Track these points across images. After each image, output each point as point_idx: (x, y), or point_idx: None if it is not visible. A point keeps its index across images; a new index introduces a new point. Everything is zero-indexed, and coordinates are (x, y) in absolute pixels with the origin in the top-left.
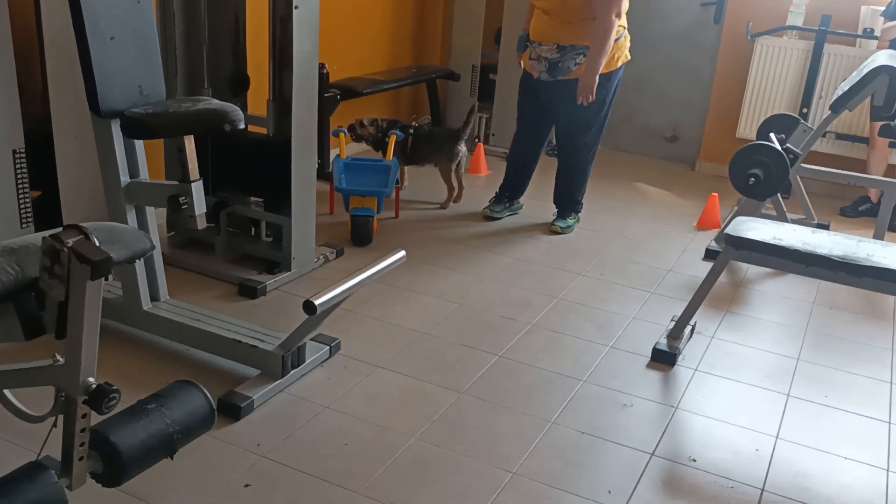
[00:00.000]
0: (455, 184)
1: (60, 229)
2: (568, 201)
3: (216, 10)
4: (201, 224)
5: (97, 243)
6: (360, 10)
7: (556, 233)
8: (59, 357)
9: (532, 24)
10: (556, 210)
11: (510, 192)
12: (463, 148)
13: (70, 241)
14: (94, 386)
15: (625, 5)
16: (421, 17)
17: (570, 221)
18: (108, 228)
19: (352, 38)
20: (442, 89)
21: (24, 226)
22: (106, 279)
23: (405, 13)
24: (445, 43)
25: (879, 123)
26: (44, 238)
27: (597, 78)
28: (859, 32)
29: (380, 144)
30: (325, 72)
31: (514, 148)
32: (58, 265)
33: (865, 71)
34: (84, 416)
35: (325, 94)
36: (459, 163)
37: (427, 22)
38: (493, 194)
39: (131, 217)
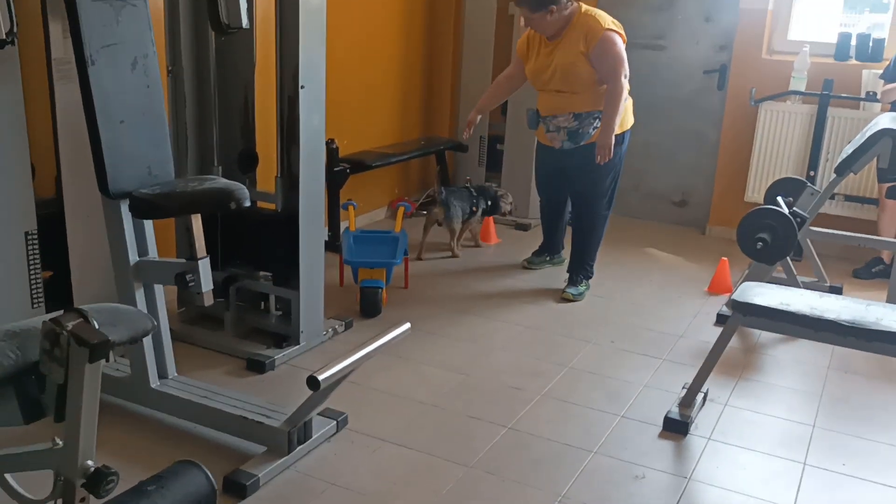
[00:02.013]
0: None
1: (61, 312)
2: (581, 267)
3: (226, 91)
4: (208, 301)
5: (97, 325)
6: (368, 85)
7: (568, 300)
8: (58, 440)
9: (541, 100)
10: (568, 276)
11: (549, 250)
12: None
13: (69, 325)
14: (93, 469)
15: (627, 68)
16: (429, 90)
17: (581, 288)
18: (109, 310)
19: (361, 113)
20: (450, 161)
21: (35, 306)
22: (106, 361)
23: (413, 86)
24: (453, 115)
25: (887, 185)
26: (44, 322)
27: (613, 137)
28: (862, 95)
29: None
30: (334, 146)
31: (543, 211)
32: (57, 348)
33: (868, 134)
34: (83, 499)
35: (335, 169)
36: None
37: (435, 95)
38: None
39: (140, 295)
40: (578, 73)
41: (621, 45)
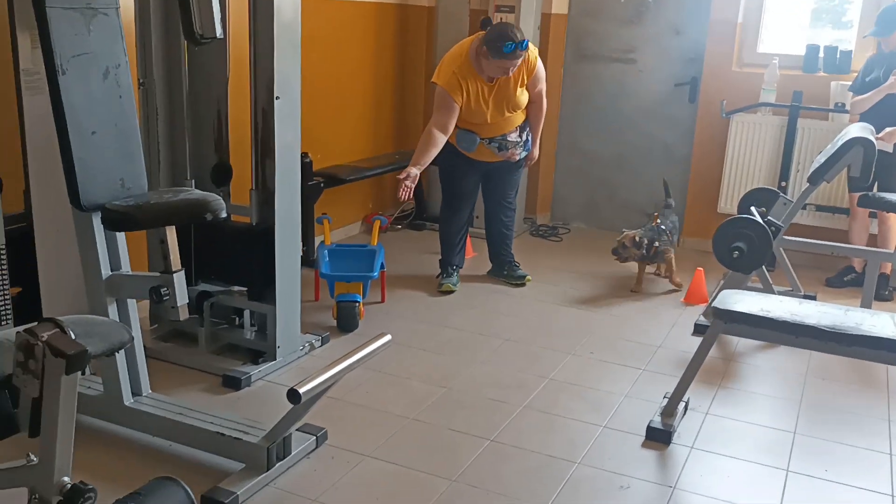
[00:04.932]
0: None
1: (36, 323)
2: (511, 256)
3: (198, 103)
4: (183, 315)
5: (73, 336)
6: (341, 100)
7: (528, 281)
8: (32, 457)
9: (485, 128)
10: (511, 266)
11: (458, 263)
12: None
13: (45, 335)
14: (69, 486)
15: None
16: (401, 104)
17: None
18: (85, 321)
19: (334, 127)
20: (425, 174)
21: (3, 323)
22: (83, 373)
23: (385, 101)
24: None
25: (858, 194)
26: (18, 333)
27: None
28: (831, 107)
29: (649, 259)
30: (308, 160)
31: (456, 225)
32: (32, 360)
33: (840, 143)
34: None
35: (309, 182)
36: None
37: (407, 108)
38: (438, 272)
39: (112, 310)
40: (522, 101)
41: (543, 67)
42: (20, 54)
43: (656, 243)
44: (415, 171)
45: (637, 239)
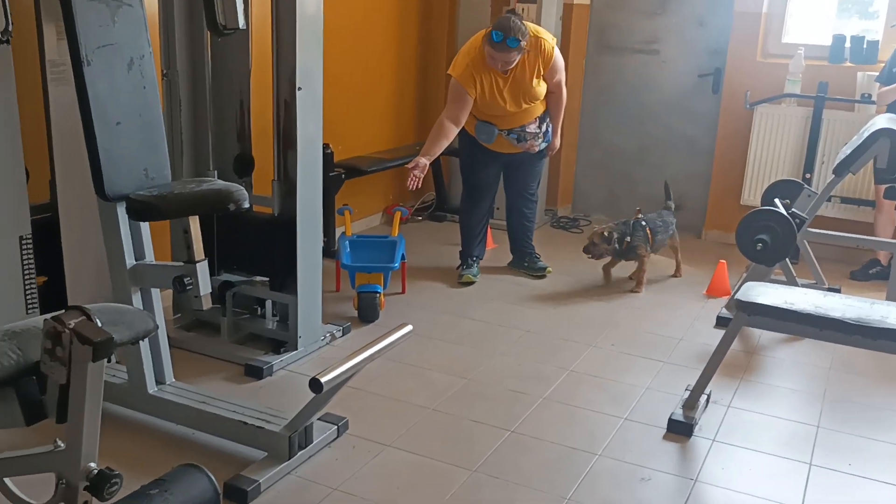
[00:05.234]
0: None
1: (63, 311)
2: (532, 247)
3: (221, 93)
4: (206, 304)
5: (99, 324)
6: (362, 90)
7: (549, 273)
8: (59, 442)
9: (502, 119)
10: (531, 258)
11: (478, 255)
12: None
13: (72, 323)
14: (96, 471)
15: None
16: (423, 95)
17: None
18: (111, 310)
19: (355, 119)
20: (445, 166)
21: (29, 311)
22: (108, 361)
23: (407, 91)
24: None
25: (884, 186)
26: (45, 320)
27: None
28: (857, 98)
29: (621, 251)
30: (329, 151)
31: (476, 217)
32: (59, 347)
33: (866, 135)
34: (85, 502)
35: (330, 174)
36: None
37: (429, 99)
38: (459, 263)
39: (136, 299)
40: (540, 92)
41: (561, 57)
42: (46, 46)
43: (628, 238)
44: (424, 161)
45: (606, 234)
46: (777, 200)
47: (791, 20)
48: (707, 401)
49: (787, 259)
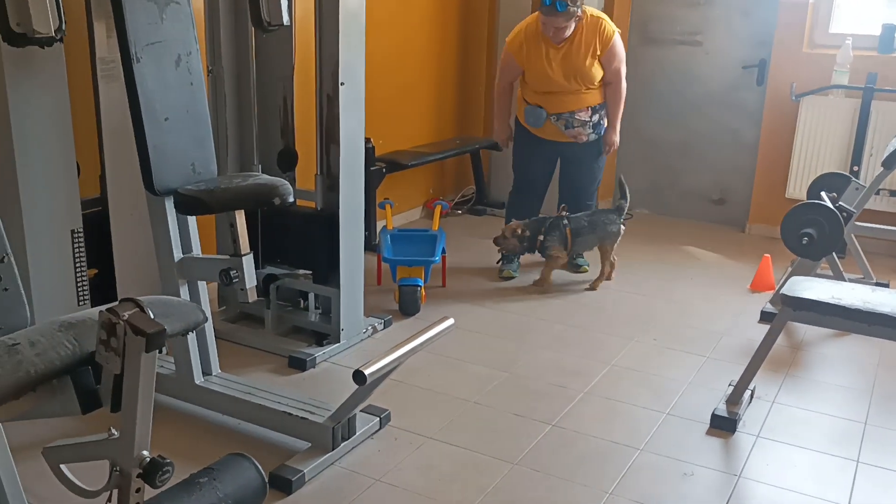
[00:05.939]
0: (612, 261)
1: (117, 303)
2: None
3: (265, 90)
4: (251, 297)
5: (152, 316)
6: (404, 86)
7: (585, 271)
8: (114, 431)
9: (550, 99)
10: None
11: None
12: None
13: (126, 314)
14: (148, 459)
15: None
16: (463, 90)
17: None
18: (162, 302)
19: (396, 113)
20: (485, 160)
21: (81, 304)
22: (160, 351)
23: (448, 86)
24: (488, 114)
25: None
26: (100, 311)
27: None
28: None
29: (532, 248)
30: (370, 146)
31: (522, 214)
32: (114, 338)
33: None
34: (138, 490)
35: (372, 168)
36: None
37: (469, 94)
38: (499, 258)
39: (184, 291)
40: (594, 74)
41: (622, 46)
42: (96, 43)
43: (540, 237)
44: (506, 128)
45: (519, 230)
46: (823, 193)
47: (838, 9)
48: (751, 396)
49: (834, 253)
